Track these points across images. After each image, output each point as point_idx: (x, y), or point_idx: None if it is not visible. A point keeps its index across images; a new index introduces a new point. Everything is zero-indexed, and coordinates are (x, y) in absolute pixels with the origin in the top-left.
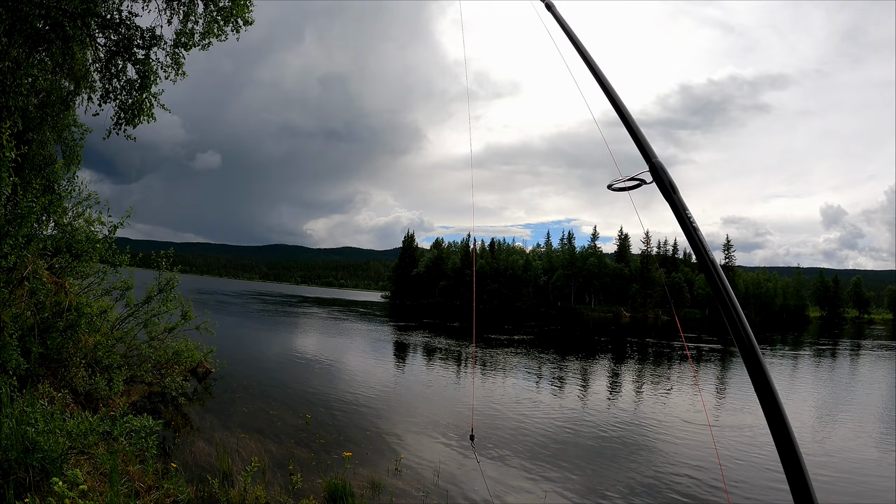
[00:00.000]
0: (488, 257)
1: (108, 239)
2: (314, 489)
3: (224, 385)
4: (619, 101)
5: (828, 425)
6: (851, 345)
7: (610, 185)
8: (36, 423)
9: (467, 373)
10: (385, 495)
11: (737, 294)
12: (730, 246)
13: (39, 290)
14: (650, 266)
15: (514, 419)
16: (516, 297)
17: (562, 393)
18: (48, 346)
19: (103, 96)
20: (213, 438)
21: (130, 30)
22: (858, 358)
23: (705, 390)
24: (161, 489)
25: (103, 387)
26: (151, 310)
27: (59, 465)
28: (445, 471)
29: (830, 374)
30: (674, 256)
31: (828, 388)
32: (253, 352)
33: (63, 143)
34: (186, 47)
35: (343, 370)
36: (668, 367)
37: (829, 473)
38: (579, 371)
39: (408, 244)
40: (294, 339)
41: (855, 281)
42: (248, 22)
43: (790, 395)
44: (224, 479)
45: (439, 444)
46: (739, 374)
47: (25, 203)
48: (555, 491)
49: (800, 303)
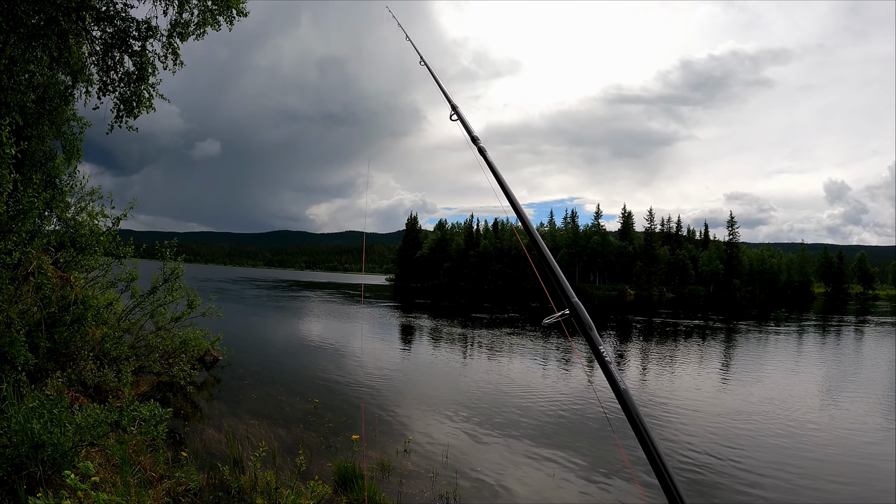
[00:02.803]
0: (492, 238)
1: (111, 232)
2: (324, 472)
3: (232, 372)
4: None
5: (833, 402)
6: (856, 321)
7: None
8: (45, 417)
9: (474, 353)
10: (395, 476)
11: (741, 270)
12: (734, 223)
13: (45, 285)
14: (654, 243)
15: (518, 399)
16: (521, 277)
17: (567, 375)
18: (56, 340)
19: (101, 89)
20: (223, 425)
21: (126, 22)
22: (863, 335)
23: (708, 367)
24: (172, 478)
25: (112, 378)
26: (157, 300)
27: (70, 457)
28: (454, 452)
29: (836, 350)
30: (677, 233)
31: (833, 365)
32: (260, 338)
33: (63, 138)
34: (182, 37)
35: (349, 353)
36: (673, 344)
37: (837, 452)
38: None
39: (411, 226)
40: (300, 324)
41: (859, 257)
42: (243, 13)
43: (796, 372)
44: (234, 466)
45: (447, 424)
46: (742, 351)
47: (27, 199)
48: (563, 471)
49: (804, 279)
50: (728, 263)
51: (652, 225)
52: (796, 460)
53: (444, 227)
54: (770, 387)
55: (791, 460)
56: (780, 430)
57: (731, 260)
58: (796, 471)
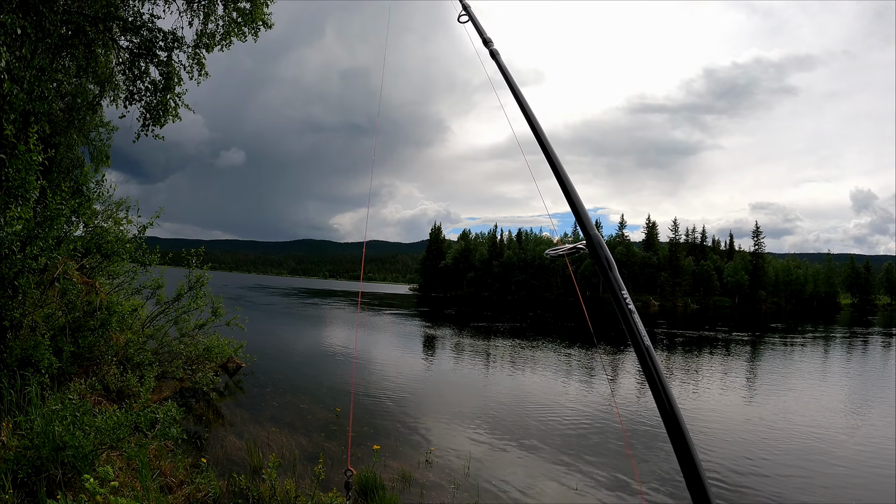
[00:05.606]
0: (515, 248)
1: (137, 239)
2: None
3: (254, 380)
4: (562, 171)
5: (858, 417)
6: (883, 334)
7: (546, 252)
8: (67, 419)
9: (496, 366)
10: (416, 488)
11: (766, 281)
12: (759, 232)
13: (70, 291)
14: (678, 254)
15: (540, 412)
16: (544, 288)
17: (590, 389)
18: (80, 344)
19: (128, 98)
20: (244, 433)
21: (152, 32)
22: (889, 348)
23: (733, 380)
24: (192, 484)
25: (135, 383)
26: (182, 307)
27: (90, 461)
28: (476, 464)
29: (862, 364)
30: (702, 244)
31: (858, 380)
32: (283, 346)
33: (90, 145)
34: (208, 48)
35: (372, 363)
36: (697, 357)
37: (860, 466)
38: (611, 364)
39: (435, 236)
40: (322, 333)
41: (887, 267)
42: (268, 24)
43: (821, 386)
44: (254, 474)
45: (469, 436)
46: (767, 365)
47: (54, 205)
48: (585, 486)
49: (830, 290)
50: (753, 274)
51: (676, 235)
52: (820, 477)
53: (467, 237)
54: (796, 401)
55: (815, 476)
56: (807, 444)
57: (756, 271)
58: (819, 483)
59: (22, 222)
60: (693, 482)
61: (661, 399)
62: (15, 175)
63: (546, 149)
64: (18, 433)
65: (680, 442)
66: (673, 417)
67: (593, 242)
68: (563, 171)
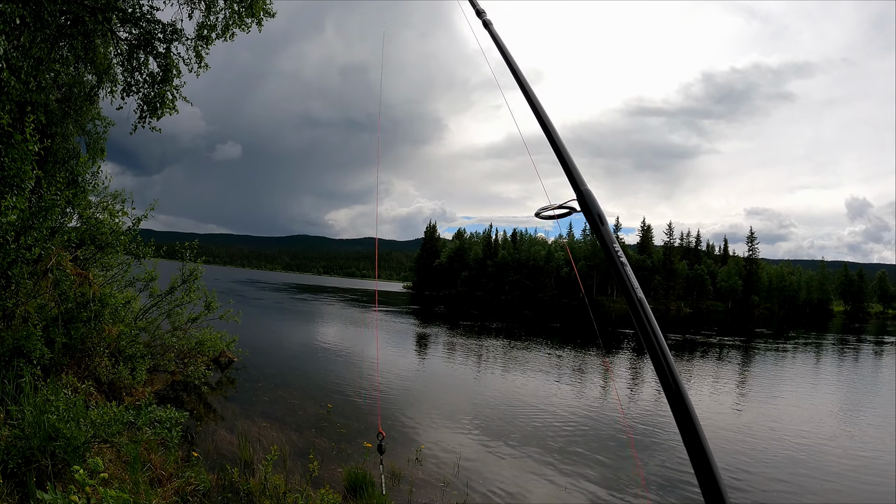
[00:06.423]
0: (510, 248)
1: (131, 231)
2: (334, 478)
3: (246, 374)
4: (548, 123)
5: (848, 423)
6: (875, 341)
7: (538, 212)
8: (59, 409)
9: (488, 365)
10: (405, 485)
11: (760, 287)
12: (753, 238)
13: (63, 282)
14: (672, 258)
15: (531, 414)
16: (538, 289)
17: (581, 387)
18: (72, 335)
19: (125, 89)
20: (235, 427)
21: (151, 24)
22: (881, 357)
23: (724, 384)
24: (182, 477)
25: (126, 376)
26: (175, 300)
27: (81, 453)
28: (466, 462)
29: (853, 371)
30: (696, 248)
31: (848, 388)
32: (275, 341)
33: (87, 136)
34: (208, 41)
35: (364, 360)
36: (688, 362)
37: (853, 473)
38: (614, 366)
39: (430, 235)
40: (315, 329)
41: (880, 275)
42: (270, 14)
43: (811, 394)
44: (245, 468)
45: (460, 434)
46: (758, 370)
47: (49, 196)
48: (575, 486)
49: (823, 297)
50: (747, 279)
51: (671, 239)
52: (811, 481)
53: (462, 236)
54: (786, 407)
55: (805, 480)
56: (797, 450)
57: (749, 276)
58: (810, 489)
59: (17, 212)
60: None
61: (656, 355)
62: (11, 164)
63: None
64: (9, 423)
65: (682, 413)
66: (676, 392)
67: (584, 198)
68: (548, 121)
